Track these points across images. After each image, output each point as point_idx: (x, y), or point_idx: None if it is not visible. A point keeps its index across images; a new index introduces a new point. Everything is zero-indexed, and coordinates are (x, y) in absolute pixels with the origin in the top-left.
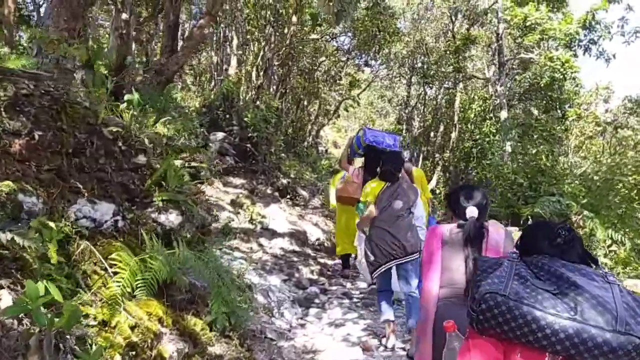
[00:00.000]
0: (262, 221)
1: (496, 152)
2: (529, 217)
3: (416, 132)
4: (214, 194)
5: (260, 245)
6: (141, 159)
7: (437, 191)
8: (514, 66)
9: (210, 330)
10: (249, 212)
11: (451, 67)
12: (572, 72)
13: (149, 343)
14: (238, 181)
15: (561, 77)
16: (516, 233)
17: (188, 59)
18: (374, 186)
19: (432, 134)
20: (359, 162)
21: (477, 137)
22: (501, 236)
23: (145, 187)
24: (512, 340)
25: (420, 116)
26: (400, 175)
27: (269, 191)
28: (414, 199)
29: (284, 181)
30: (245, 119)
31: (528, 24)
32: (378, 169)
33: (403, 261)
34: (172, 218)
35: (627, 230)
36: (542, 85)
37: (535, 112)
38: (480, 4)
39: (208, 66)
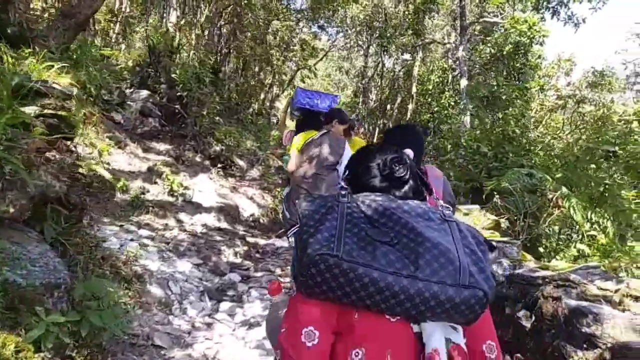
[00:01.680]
0: (184, 193)
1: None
2: (494, 192)
3: (373, 104)
4: (127, 159)
5: (179, 221)
6: None
7: None
8: (476, 32)
9: (37, 351)
10: (168, 182)
11: (410, 31)
12: (540, 36)
13: None
14: (162, 146)
15: (527, 41)
16: (477, 211)
17: (103, 2)
18: (300, 138)
19: (388, 106)
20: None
21: (435, 109)
22: (440, 181)
23: None
24: (347, 304)
25: (377, 88)
26: (330, 126)
27: (198, 159)
28: (341, 154)
29: (217, 148)
30: (174, 76)
31: None
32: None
33: None
34: None
35: (608, 211)
36: (504, 53)
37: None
38: None
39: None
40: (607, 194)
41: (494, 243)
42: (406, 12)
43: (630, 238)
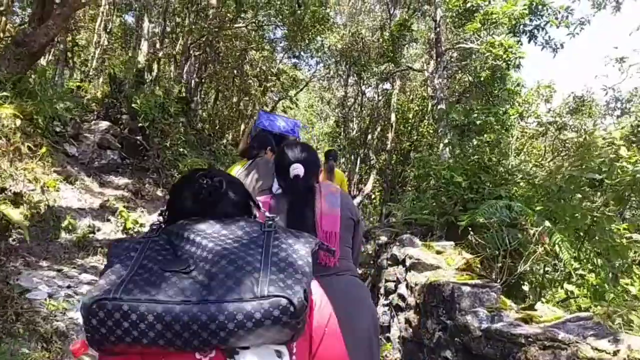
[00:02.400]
0: (140, 231)
1: (431, 152)
2: (469, 228)
3: (354, 134)
4: (77, 195)
5: None
6: None
7: (372, 196)
8: (452, 59)
9: None
10: (122, 219)
11: (386, 58)
12: (516, 58)
13: None
14: (121, 180)
15: (504, 65)
16: (451, 249)
17: (60, 30)
18: (230, 169)
19: (369, 136)
20: None
21: (415, 138)
22: (336, 197)
23: None
24: (146, 350)
25: (358, 118)
26: (263, 154)
27: (159, 193)
28: (272, 180)
29: None
30: (134, 106)
31: (468, 5)
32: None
33: None
34: None
35: (598, 247)
36: (482, 79)
37: (470, 108)
38: None
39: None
40: (595, 228)
41: (325, 246)
42: (382, 41)
43: (624, 277)
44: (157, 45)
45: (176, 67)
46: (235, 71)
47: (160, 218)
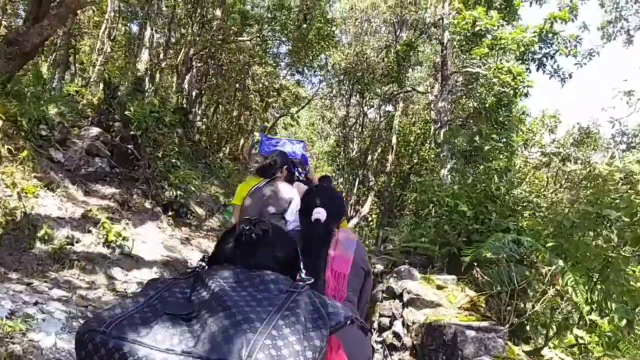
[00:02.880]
0: (122, 244)
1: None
2: (474, 261)
3: (353, 154)
4: (58, 203)
5: (110, 278)
6: None
7: (370, 218)
8: (457, 83)
9: None
10: (104, 231)
11: (390, 79)
12: (524, 87)
13: None
14: (108, 190)
15: (511, 92)
16: (453, 284)
17: (55, 30)
18: (244, 185)
19: (369, 157)
20: None
21: (416, 161)
22: (352, 244)
23: None
24: None
25: (358, 138)
26: (280, 173)
27: (148, 205)
28: (288, 203)
29: (172, 194)
30: (127, 113)
31: (477, 29)
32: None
33: None
34: None
35: (612, 290)
36: (487, 106)
37: (476, 131)
38: (428, 15)
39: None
40: (609, 269)
41: (365, 326)
42: (387, 61)
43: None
44: (161, 56)
45: (177, 77)
46: (237, 85)
47: (202, 263)
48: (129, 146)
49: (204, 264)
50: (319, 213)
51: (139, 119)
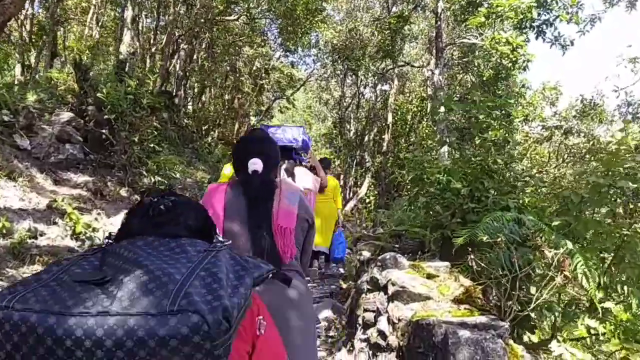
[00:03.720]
0: (92, 236)
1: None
2: (469, 246)
3: (350, 135)
4: (20, 194)
5: None
6: None
7: (367, 200)
8: (453, 57)
9: None
10: (71, 223)
11: (384, 54)
12: (524, 60)
13: None
14: (81, 178)
15: (510, 65)
16: (446, 272)
17: (19, 9)
18: (227, 164)
19: (366, 137)
20: None
21: (412, 140)
22: (295, 196)
23: None
24: None
25: (355, 119)
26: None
27: (124, 193)
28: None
29: (151, 180)
30: (100, 95)
31: None
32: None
33: None
34: None
35: (628, 273)
36: (485, 79)
37: (470, 100)
38: None
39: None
40: (624, 249)
41: (287, 277)
42: (379, 35)
43: None
44: (152, 41)
45: (162, 59)
46: (228, 67)
47: (108, 240)
48: (103, 131)
49: (110, 240)
50: (255, 164)
51: (112, 102)
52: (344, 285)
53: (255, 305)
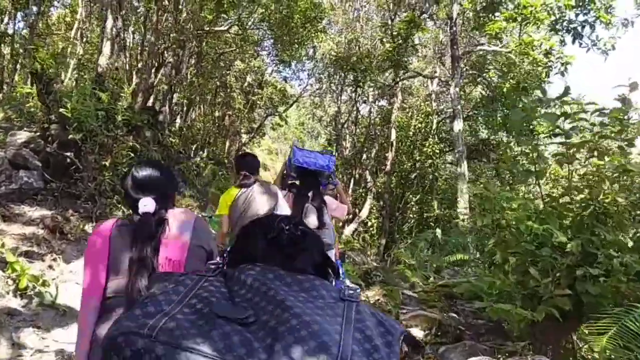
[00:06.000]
0: (41, 293)
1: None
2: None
3: (347, 153)
4: None
5: (16, 345)
6: None
7: (369, 223)
8: (467, 67)
9: None
10: (14, 275)
11: (389, 63)
12: (562, 64)
13: None
14: (37, 212)
15: (544, 71)
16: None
17: None
18: (226, 195)
19: (364, 155)
20: None
21: (418, 158)
22: (187, 226)
23: None
24: None
25: (352, 136)
26: (254, 179)
27: (89, 229)
28: (274, 201)
29: (123, 212)
30: (62, 111)
31: None
32: (310, 193)
33: None
34: None
35: None
36: (504, 90)
37: (484, 132)
38: None
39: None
40: None
41: (419, 340)
42: (385, 43)
43: None
44: (139, 56)
45: (144, 73)
46: (217, 82)
47: (219, 259)
48: (68, 154)
49: (224, 260)
50: (146, 205)
51: (79, 119)
52: None
53: None
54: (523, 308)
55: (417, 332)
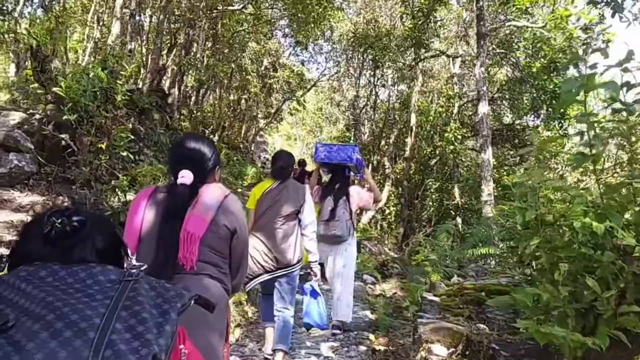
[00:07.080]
0: None
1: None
2: None
3: (365, 138)
4: None
5: None
6: None
7: (387, 211)
8: (493, 45)
9: None
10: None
11: (411, 41)
12: (604, 41)
13: None
14: (28, 198)
15: (581, 48)
16: None
17: None
18: (258, 187)
19: (383, 141)
20: None
21: (438, 144)
22: (214, 203)
23: None
24: None
25: (370, 121)
26: (291, 171)
27: None
28: (301, 203)
29: (121, 199)
30: (56, 89)
31: None
32: (337, 186)
33: (277, 274)
34: None
35: None
36: (534, 70)
37: (509, 117)
38: None
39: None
40: None
41: (209, 300)
42: (405, 19)
43: None
44: (155, 39)
45: (153, 52)
46: (233, 65)
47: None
48: (63, 136)
49: (2, 265)
50: (184, 177)
51: (73, 99)
52: None
53: (177, 334)
54: (577, 329)
55: (440, 350)
